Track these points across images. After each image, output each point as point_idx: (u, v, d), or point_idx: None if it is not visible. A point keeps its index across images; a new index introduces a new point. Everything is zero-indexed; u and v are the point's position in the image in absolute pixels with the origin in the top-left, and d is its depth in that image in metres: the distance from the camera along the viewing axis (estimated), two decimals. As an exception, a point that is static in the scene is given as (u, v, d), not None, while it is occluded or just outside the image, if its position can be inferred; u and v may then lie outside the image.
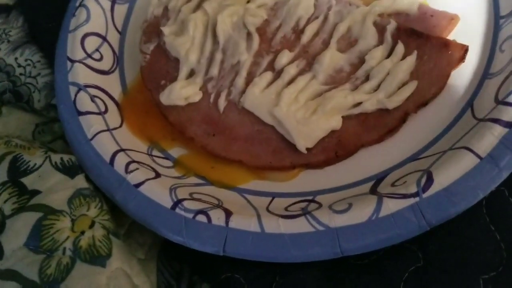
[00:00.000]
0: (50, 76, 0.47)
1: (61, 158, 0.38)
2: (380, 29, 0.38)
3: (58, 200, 0.35)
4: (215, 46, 0.40)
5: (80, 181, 0.37)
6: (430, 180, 0.31)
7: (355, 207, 0.32)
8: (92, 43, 0.44)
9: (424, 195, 0.31)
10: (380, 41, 0.38)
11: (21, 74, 0.48)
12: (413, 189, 0.31)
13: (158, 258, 0.38)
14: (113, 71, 0.44)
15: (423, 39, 0.37)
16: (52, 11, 0.49)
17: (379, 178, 0.35)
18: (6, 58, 0.48)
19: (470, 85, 0.36)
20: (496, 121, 0.32)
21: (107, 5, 0.46)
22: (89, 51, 0.43)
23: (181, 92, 0.39)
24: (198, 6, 0.42)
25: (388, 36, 0.37)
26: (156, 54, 0.42)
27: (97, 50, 0.44)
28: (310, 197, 0.35)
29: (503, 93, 0.33)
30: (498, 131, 0.31)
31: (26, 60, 0.48)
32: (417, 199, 0.31)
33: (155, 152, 0.40)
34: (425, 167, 0.32)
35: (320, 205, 0.34)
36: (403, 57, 0.37)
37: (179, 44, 0.40)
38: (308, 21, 0.39)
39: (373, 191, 0.33)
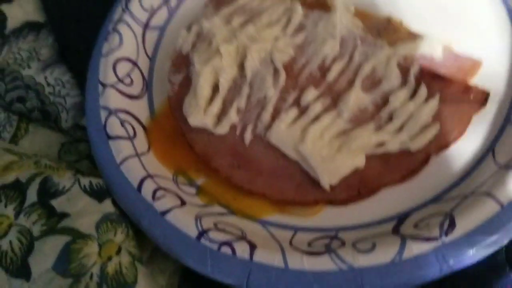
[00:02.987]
0: (79, 97, 0.48)
1: (90, 182, 0.39)
2: (404, 71, 0.39)
3: (86, 224, 0.36)
4: (243, 80, 0.41)
5: (107, 206, 0.38)
6: (452, 225, 0.32)
7: (378, 247, 0.32)
8: (123, 68, 0.45)
9: (447, 239, 0.32)
10: (404, 83, 0.39)
11: (50, 93, 0.49)
12: (435, 232, 0.32)
13: (179, 286, 0.38)
14: (142, 96, 0.45)
15: (446, 83, 0.38)
16: (83, 32, 0.51)
17: (401, 218, 0.35)
18: (36, 77, 0.50)
19: (492, 130, 0.37)
20: (518, 168, 0.33)
21: (139, 31, 0.47)
22: (120, 76, 0.44)
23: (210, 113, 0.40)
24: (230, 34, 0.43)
25: (411, 78, 0.38)
26: (184, 85, 0.43)
27: (128, 75, 0.45)
28: (332, 233, 0.36)
29: (524, 139, 0.34)
30: (520, 178, 0.32)
31: (55, 79, 0.50)
32: (439, 242, 0.32)
33: (179, 179, 0.41)
34: (447, 210, 0.33)
35: (343, 242, 0.35)
36: (426, 100, 0.38)
37: (206, 73, 0.41)
38: (334, 60, 0.40)
39: (396, 231, 0.34)
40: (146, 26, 0.48)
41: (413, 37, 0.42)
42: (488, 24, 0.42)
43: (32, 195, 0.38)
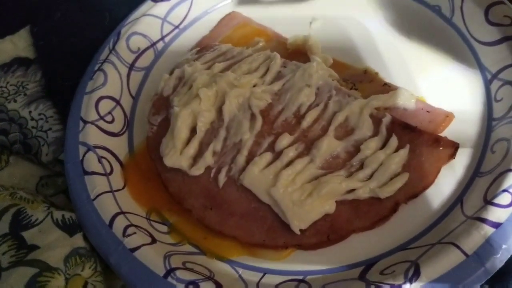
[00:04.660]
0: (61, 132, 0.49)
1: (63, 215, 0.39)
2: (376, 121, 0.40)
3: (55, 257, 0.36)
4: (220, 123, 0.42)
5: (78, 240, 0.38)
6: (417, 273, 0.32)
7: (343, 293, 0.33)
8: (106, 106, 0.46)
9: (411, 287, 0.32)
10: (375, 132, 0.40)
11: (33, 127, 0.50)
12: (400, 279, 0.32)
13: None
14: (122, 134, 0.46)
15: (416, 134, 0.39)
16: (71, 70, 0.52)
17: (368, 264, 0.36)
18: (21, 111, 0.51)
19: (462, 181, 0.38)
20: (483, 220, 0.34)
21: (124, 71, 0.49)
22: (102, 114, 0.46)
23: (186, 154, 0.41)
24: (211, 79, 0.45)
25: (383, 128, 0.40)
26: (163, 126, 0.44)
27: (109, 113, 0.46)
28: (300, 277, 0.36)
29: (491, 193, 0.35)
30: (485, 230, 0.33)
31: (39, 114, 0.50)
32: (403, 290, 0.32)
33: (153, 216, 0.41)
34: (413, 258, 0.34)
35: (310, 286, 0.35)
36: (396, 150, 0.39)
37: (184, 115, 0.42)
38: (309, 108, 0.42)
39: (362, 277, 0.34)
40: (131, 67, 0.50)
41: (387, 88, 0.43)
42: (462, 79, 0.44)
43: (4, 226, 0.38)
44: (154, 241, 0.38)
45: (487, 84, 0.42)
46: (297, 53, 0.48)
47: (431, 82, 0.44)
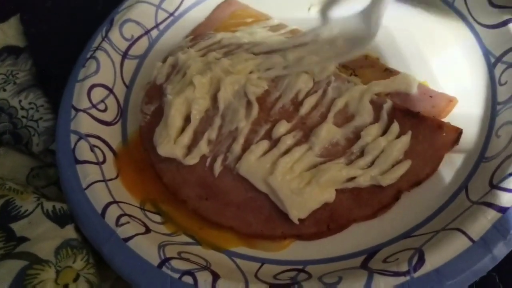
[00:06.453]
0: (52, 122, 0.48)
1: (53, 206, 0.38)
2: (377, 107, 0.39)
3: (45, 249, 0.35)
4: (215, 111, 0.41)
5: (69, 231, 0.37)
6: (421, 260, 0.31)
7: (345, 281, 0.31)
8: (98, 94, 0.45)
9: (415, 275, 0.31)
10: (376, 119, 0.39)
11: (23, 116, 0.48)
12: (404, 267, 0.31)
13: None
14: (115, 123, 0.45)
15: (418, 120, 0.38)
16: (62, 58, 0.51)
17: (370, 253, 0.35)
18: (10, 100, 0.49)
19: (466, 166, 0.37)
20: (490, 205, 0.32)
21: (117, 59, 0.48)
22: (94, 102, 0.44)
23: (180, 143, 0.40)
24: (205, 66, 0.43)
25: (384, 115, 0.39)
26: (156, 115, 0.43)
27: (102, 101, 0.45)
28: (300, 266, 0.35)
29: (497, 177, 0.34)
30: (492, 215, 0.32)
31: (30, 103, 0.49)
32: (408, 278, 0.31)
33: (147, 207, 0.40)
34: (417, 246, 0.33)
35: (310, 275, 0.34)
36: (398, 136, 0.38)
37: (178, 103, 0.41)
38: (307, 94, 0.41)
39: (364, 265, 0.33)
40: (125, 55, 0.48)
41: (389, 73, 0.42)
42: (465, 63, 0.43)
43: (-9, 217, 0.37)
44: (148, 231, 0.37)
45: (491, 67, 0.41)
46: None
47: (434, 66, 0.43)
